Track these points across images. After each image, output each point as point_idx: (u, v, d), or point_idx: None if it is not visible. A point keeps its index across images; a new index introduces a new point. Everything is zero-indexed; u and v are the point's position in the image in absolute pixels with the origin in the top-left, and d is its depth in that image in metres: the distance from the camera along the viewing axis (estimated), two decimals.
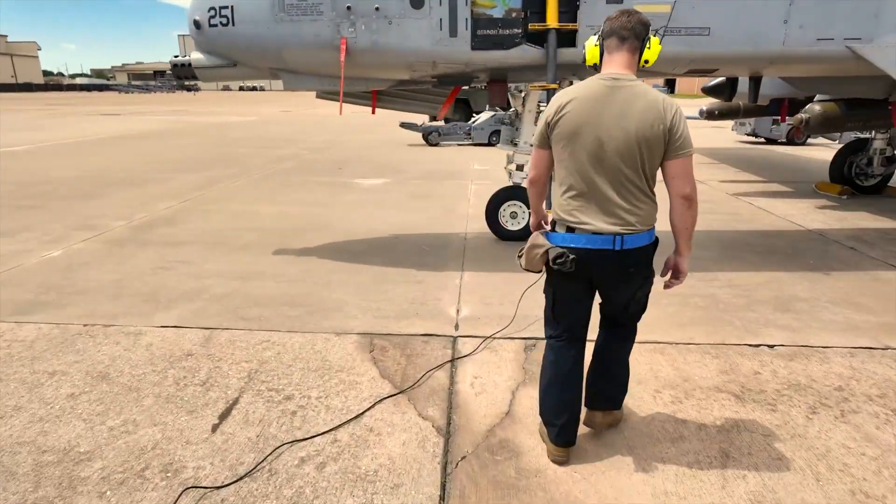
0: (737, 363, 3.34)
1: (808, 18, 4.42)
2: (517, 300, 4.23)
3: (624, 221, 2.19)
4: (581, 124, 2.16)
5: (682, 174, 2.17)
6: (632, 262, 2.25)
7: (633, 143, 2.13)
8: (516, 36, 4.44)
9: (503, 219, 5.91)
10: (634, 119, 2.12)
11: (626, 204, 2.18)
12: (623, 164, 2.15)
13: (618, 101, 2.14)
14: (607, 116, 2.14)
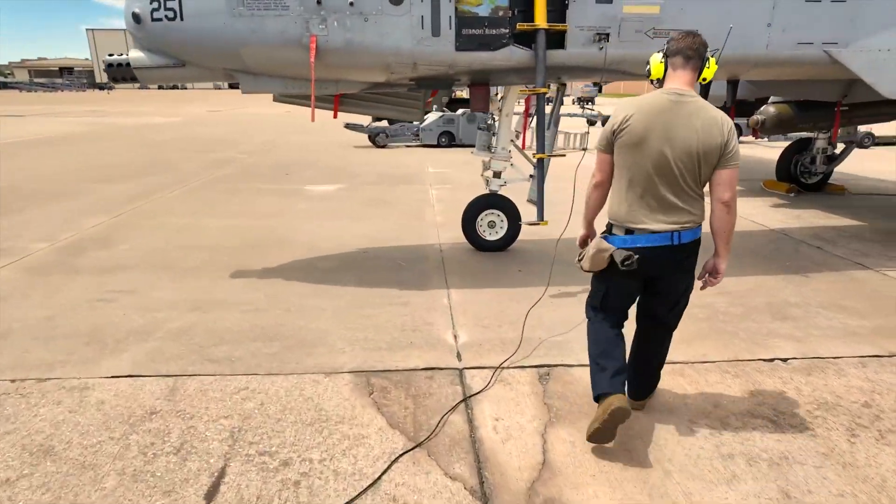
0: (758, 382, 3.20)
1: (790, 22, 4.40)
2: (515, 320, 3.96)
3: (680, 220, 2.44)
4: (647, 134, 2.38)
5: (727, 182, 2.41)
6: (685, 255, 2.51)
7: (695, 154, 2.36)
8: (503, 36, 4.13)
9: (481, 228, 5.61)
10: (698, 132, 2.35)
11: (683, 205, 2.44)
12: (684, 170, 2.39)
13: (682, 115, 2.37)
14: (672, 128, 2.36)
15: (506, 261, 5.42)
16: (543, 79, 4.14)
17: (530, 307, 3.92)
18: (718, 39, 4.38)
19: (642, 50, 4.33)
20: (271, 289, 4.61)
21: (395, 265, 5.25)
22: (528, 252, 5.68)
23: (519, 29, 4.08)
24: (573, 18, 4.15)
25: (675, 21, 4.26)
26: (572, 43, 4.23)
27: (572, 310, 4.17)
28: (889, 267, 5.20)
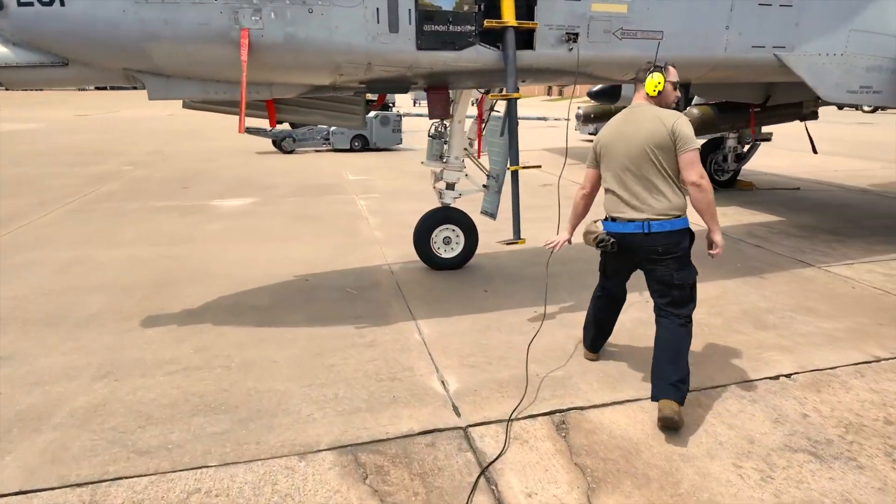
0: (777, 406, 3.01)
1: (745, 26, 4.37)
2: (504, 353, 3.54)
3: (652, 210, 2.83)
4: (612, 142, 2.99)
5: (688, 165, 2.78)
6: (659, 244, 2.85)
7: (647, 148, 2.83)
8: (469, 34, 3.64)
9: (435, 245, 5.10)
10: (646, 129, 2.84)
11: (652, 197, 2.84)
12: (644, 164, 2.84)
13: (633, 120, 2.94)
14: (627, 132, 2.92)
15: (467, 280, 4.96)
16: (515, 82, 3.72)
17: (531, 339, 3.52)
18: (682, 43, 4.28)
19: (611, 52, 4.07)
20: (199, 339, 3.76)
21: (345, 295, 4.57)
22: (485, 268, 5.27)
23: (486, 26, 3.62)
24: (542, 16, 3.77)
25: (643, 21, 4.04)
26: (541, 43, 3.85)
27: (562, 335, 3.81)
28: (826, 262, 5.43)
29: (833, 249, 5.86)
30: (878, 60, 4.93)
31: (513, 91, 3.71)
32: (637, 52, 4.10)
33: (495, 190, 5.19)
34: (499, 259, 5.54)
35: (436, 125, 4.99)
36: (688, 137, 2.78)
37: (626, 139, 2.89)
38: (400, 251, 5.76)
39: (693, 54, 4.31)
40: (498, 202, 5.20)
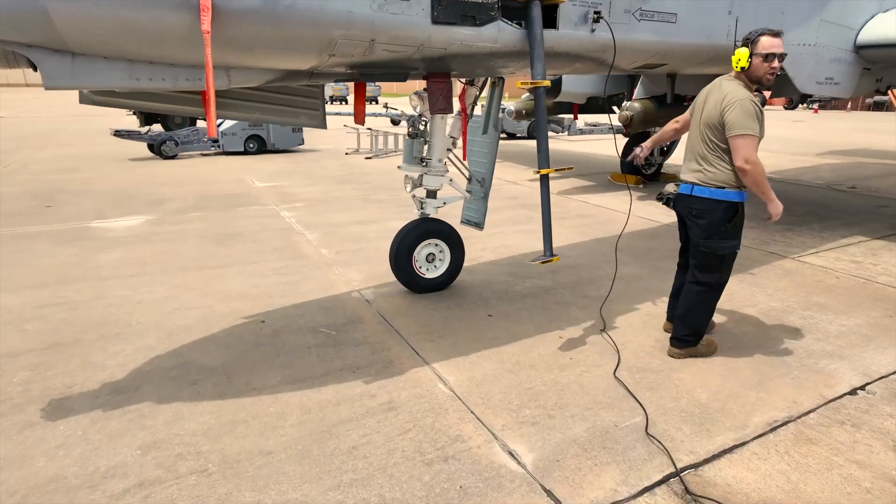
0: (883, 428, 2.69)
1: (744, 12, 4.11)
2: (558, 400, 2.86)
3: (700, 176, 3.07)
4: (694, 106, 3.21)
5: (734, 150, 2.92)
6: (694, 206, 3.11)
7: (705, 123, 3.02)
8: (491, 6, 2.91)
9: (417, 264, 4.29)
10: (710, 106, 3.00)
11: (701, 165, 3.07)
12: (702, 137, 3.05)
13: (709, 93, 3.07)
14: (700, 103, 3.12)
15: (460, 303, 4.22)
16: (543, 67, 3.05)
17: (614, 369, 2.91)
18: (692, 28, 3.92)
19: (630, 35, 3.58)
20: (144, 430, 2.64)
21: (321, 338, 3.62)
22: (469, 286, 4.56)
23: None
24: None
25: (659, 1, 3.59)
26: (565, 21, 3.23)
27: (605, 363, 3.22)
28: (794, 253, 5.50)
29: (790, 239, 5.99)
30: (839, 52, 5.01)
31: (541, 77, 3.04)
32: (653, 37, 3.67)
33: (481, 196, 4.50)
34: (477, 273, 4.87)
35: (413, 122, 4.17)
36: (734, 123, 2.87)
37: (699, 109, 3.12)
38: (363, 273, 4.85)
39: (700, 41, 3.98)
40: (485, 210, 4.52)
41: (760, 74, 2.88)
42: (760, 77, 2.89)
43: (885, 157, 13.33)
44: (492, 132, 4.36)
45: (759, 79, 2.90)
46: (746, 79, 2.96)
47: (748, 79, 2.95)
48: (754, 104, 2.88)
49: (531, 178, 9.84)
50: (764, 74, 2.87)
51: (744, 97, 2.87)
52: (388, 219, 6.83)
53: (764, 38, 2.84)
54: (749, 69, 2.93)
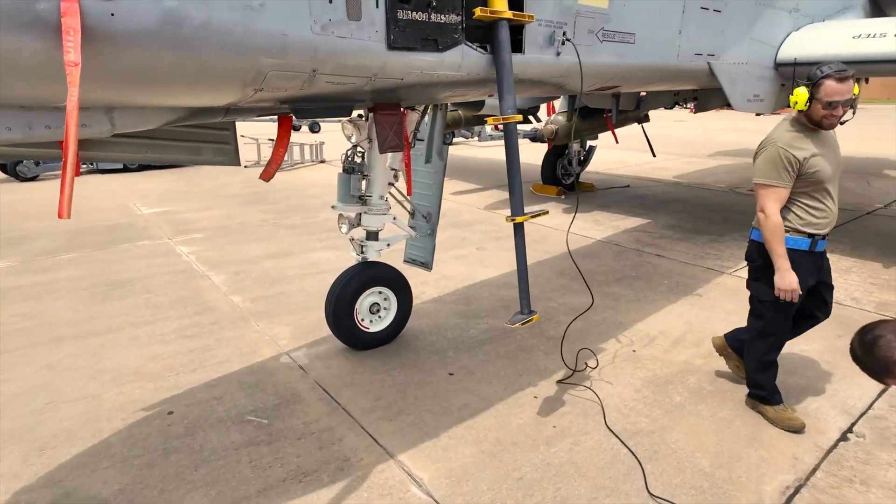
0: (884, 482, 2.55)
1: (691, 31, 3.96)
2: (557, 491, 2.42)
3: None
4: None
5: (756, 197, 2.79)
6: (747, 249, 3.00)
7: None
8: (455, 28, 2.39)
9: (360, 316, 3.68)
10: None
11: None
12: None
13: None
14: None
15: (412, 358, 3.67)
16: (514, 98, 2.58)
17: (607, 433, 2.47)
18: (648, 49, 3.67)
19: (594, 57, 3.23)
20: None
21: (250, 431, 2.90)
22: (416, 334, 4.03)
23: (478, 16, 2.41)
24: (534, 7, 2.71)
25: (620, 20, 3.29)
26: (532, 44, 2.79)
27: (597, 434, 2.84)
28: (729, 268, 5.54)
29: (719, 251, 6.08)
30: (764, 70, 5.09)
31: (512, 112, 2.58)
32: (615, 59, 3.35)
33: (427, 232, 3.98)
34: (424, 316, 4.34)
35: (349, 155, 3.54)
36: (755, 170, 2.79)
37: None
38: (290, 327, 4.14)
39: (655, 61, 3.75)
40: (433, 247, 4.01)
41: (818, 118, 2.60)
42: (819, 121, 2.61)
43: None
44: (436, 161, 3.86)
45: (818, 122, 2.62)
46: (806, 118, 2.67)
47: (808, 120, 2.67)
48: (783, 149, 2.64)
49: (456, 192, 9.47)
50: (822, 119, 2.59)
51: (774, 140, 2.69)
52: (308, 249, 6.09)
53: (829, 82, 2.51)
54: (808, 112, 2.63)
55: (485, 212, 8.10)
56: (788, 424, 2.92)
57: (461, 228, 7.08)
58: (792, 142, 2.67)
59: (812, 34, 5.28)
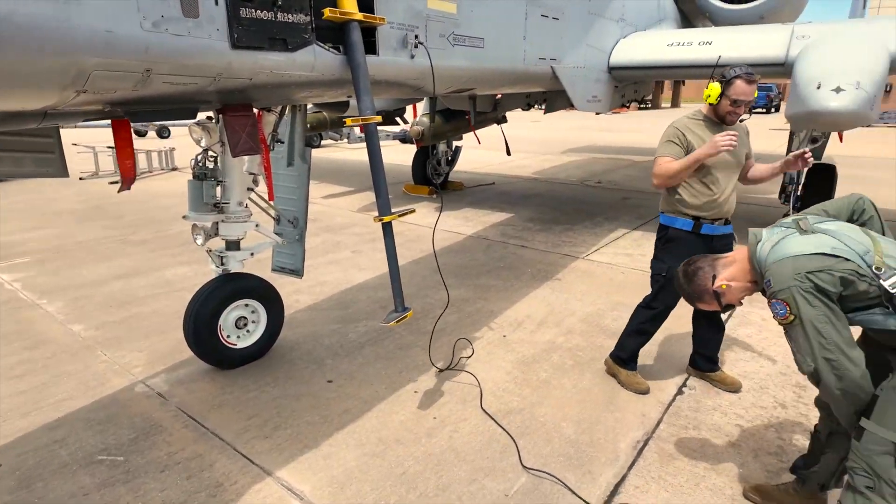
0: (712, 424, 3.00)
1: (534, 37, 4.28)
2: (441, 478, 2.51)
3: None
4: None
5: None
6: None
7: None
8: (304, 28, 2.34)
9: (225, 333, 3.46)
10: None
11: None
12: None
13: None
14: None
15: (286, 370, 3.53)
16: (371, 99, 2.60)
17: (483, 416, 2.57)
18: (497, 53, 3.90)
19: (447, 61, 3.36)
20: None
21: (103, 471, 2.60)
22: (289, 344, 3.90)
23: (328, 16, 2.39)
24: (385, 9, 2.75)
25: (469, 25, 3.46)
26: (385, 47, 2.83)
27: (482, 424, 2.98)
28: (582, 252, 6.11)
29: (573, 238, 6.67)
30: (599, 73, 5.67)
31: (370, 112, 2.60)
32: (466, 63, 3.52)
33: (295, 238, 3.86)
34: (299, 326, 4.21)
35: (199, 160, 3.30)
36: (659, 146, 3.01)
37: None
38: (144, 353, 3.77)
39: (504, 65, 4.00)
40: (303, 254, 3.89)
41: (724, 113, 2.84)
42: (724, 115, 2.86)
43: (609, 151, 16.24)
44: (299, 164, 3.75)
45: (722, 117, 2.88)
46: (713, 112, 2.91)
47: (714, 114, 2.91)
48: (675, 128, 2.94)
49: (327, 195, 9.26)
50: (726, 115, 2.84)
51: (674, 122, 2.97)
52: (161, 266, 5.57)
53: (739, 82, 2.74)
54: (717, 106, 2.87)
55: (358, 214, 8.03)
56: (636, 388, 3.30)
57: (335, 232, 6.95)
58: (688, 125, 2.95)
59: (636, 42, 6.00)
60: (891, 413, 1.70)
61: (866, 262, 1.70)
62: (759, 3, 7.79)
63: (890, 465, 1.70)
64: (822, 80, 4.21)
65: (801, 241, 1.81)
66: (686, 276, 2.15)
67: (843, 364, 1.68)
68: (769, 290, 1.82)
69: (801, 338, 1.74)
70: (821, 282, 1.69)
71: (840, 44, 4.61)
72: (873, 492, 1.72)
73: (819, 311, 1.69)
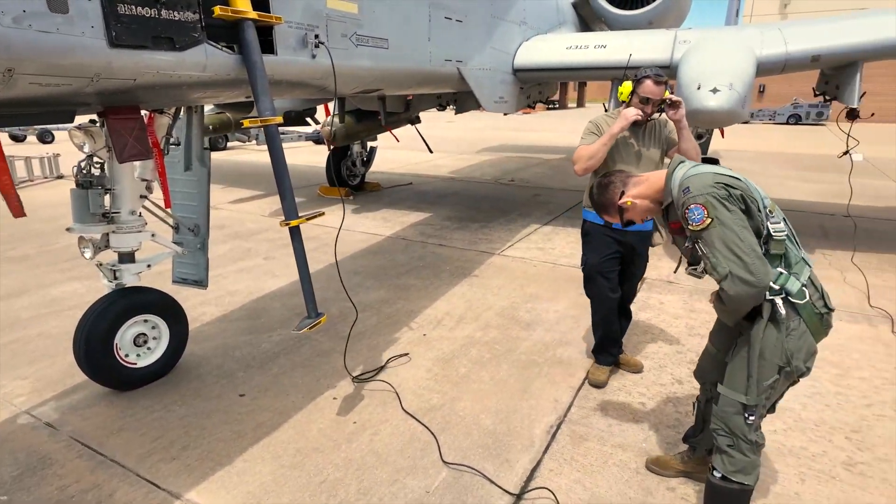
0: (617, 403, 3.21)
1: (439, 38, 4.33)
2: (362, 483, 2.51)
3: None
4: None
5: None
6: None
7: None
8: (193, 27, 2.22)
9: (122, 352, 3.22)
10: None
11: None
12: None
13: None
14: None
15: (197, 387, 3.34)
16: (271, 100, 2.52)
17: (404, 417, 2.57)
18: (401, 54, 3.90)
19: (350, 61, 3.33)
20: None
21: None
22: (202, 359, 3.70)
23: (219, 15, 2.29)
24: (282, 8, 2.67)
25: (372, 26, 3.45)
26: (284, 46, 2.75)
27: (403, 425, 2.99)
28: (497, 249, 6.28)
29: (489, 235, 6.84)
30: (505, 75, 5.85)
31: (270, 114, 2.52)
32: (371, 63, 3.50)
33: (197, 247, 3.66)
34: (207, 339, 4.00)
35: (83, 167, 3.03)
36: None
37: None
38: (28, 380, 3.42)
39: (410, 66, 4.02)
40: (206, 263, 3.69)
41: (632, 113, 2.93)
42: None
43: (521, 150, 16.79)
44: (198, 168, 3.56)
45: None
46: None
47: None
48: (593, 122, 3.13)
49: (236, 200, 8.85)
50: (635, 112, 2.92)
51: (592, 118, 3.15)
52: (46, 284, 5.08)
53: (648, 82, 2.87)
54: (629, 104, 2.99)
55: (270, 219, 7.74)
56: (591, 379, 3.41)
57: (245, 239, 6.66)
58: (605, 120, 3.11)
59: (538, 45, 6.25)
60: (738, 377, 1.93)
61: (765, 203, 1.90)
62: (648, 9, 8.39)
63: (742, 423, 1.92)
64: (701, 82, 4.62)
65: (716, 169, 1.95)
66: (599, 188, 2.25)
67: (757, 266, 1.75)
68: (687, 197, 1.86)
69: (718, 241, 1.78)
70: (735, 193, 1.83)
71: (715, 48, 5.08)
72: (734, 449, 1.94)
73: (735, 215, 1.79)
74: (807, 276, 1.87)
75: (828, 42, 5.05)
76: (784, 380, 1.91)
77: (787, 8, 27.38)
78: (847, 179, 6.09)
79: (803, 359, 1.89)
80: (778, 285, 1.85)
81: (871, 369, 3.56)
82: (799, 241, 1.97)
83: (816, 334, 1.90)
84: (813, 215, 7.72)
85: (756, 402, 1.90)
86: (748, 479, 1.94)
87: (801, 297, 1.83)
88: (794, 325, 1.86)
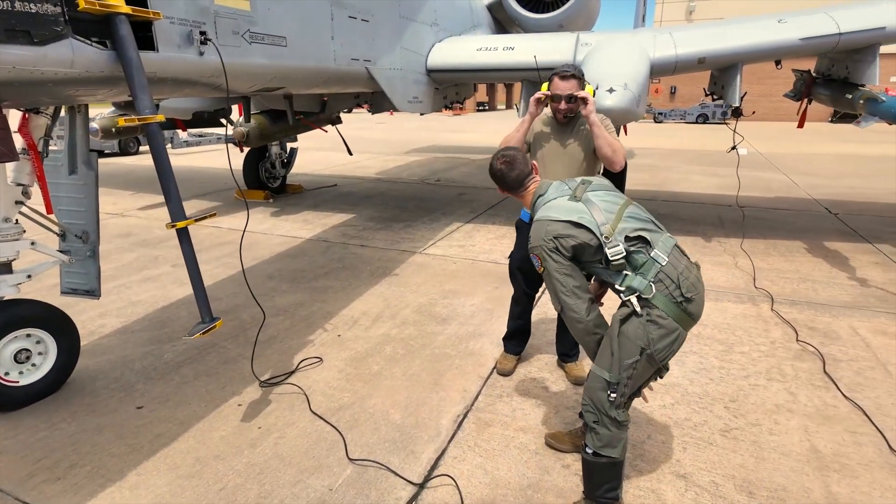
0: (523, 390, 3.33)
1: (344, 38, 4.31)
2: (263, 486, 2.48)
3: None
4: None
5: None
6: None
7: None
8: (55, 20, 2.10)
9: (2, 369, 3.00)
10: None
11: None
12: None
13: None
14: None
15: (90, 403, 3.15)
16: (150, 98, 2.43)
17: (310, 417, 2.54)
18: (301, 52, 3.86)
19: (243, 58, 3.26)
20: None
21: None
22: (97, 372, 3.50)
23: (85, 8, 2.18)
24: (161, 3, 2.58)
25: (267, 23, 3.39)
26: (166, 43, 2.65)
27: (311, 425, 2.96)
28: (419, 247, 6.33)
29: (412, 235, 6.88)
30: (418, 76, 5.91)
31: (150, 112, 2.42)
32: (267, 61, 3.45)
33: (87, 254, 3.45)
34: (104, 352, 3.79)
35: None
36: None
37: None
38: None
39: (312, 64, 3.98)
40: (97, 271, 3.49)
41: (553, 110, 2.91)
42: (554, 112, 2.94)
43: (449, 151, 16.98)
44: (84, 171, 3.36)
45: (554, 113, 2.95)
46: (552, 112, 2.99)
47: (553, 112, 2.97)
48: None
49: (144, 206, 8.39)
50: (554, 111, 2.91)
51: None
52: None
53: (555, 79, 2.84)
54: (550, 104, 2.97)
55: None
56: (498, 368, 3.53)
57: (152, 247, 6.34)
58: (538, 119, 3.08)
59: (450, 46, 6.37)
60: (605, 355, 2.10)
61: (600, 232, 2.05)
62: (559, 12, 8.74)
63: (604, 399, 2.08)
64: (599, 82, 4.88)
65: (564, 207, 2.15)
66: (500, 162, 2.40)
67: (577, 304, 2.12)
68: (528, 245, 2.20)
69: (549, 284, 2.17)
70: (562, 245, 2.11)
71: (613, 51, 5.38)
72: (599, 425, 2.09)
73: (560, 265, 2.11)
74: (654, 274, 2.05)
75: (712, 45, 5.47)
76: (646, 362, 2.07)
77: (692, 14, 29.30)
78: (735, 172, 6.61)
79: (667, 343, 2.05)
80: (624, 286, 2.10)
81: (751, 344, 3.89)
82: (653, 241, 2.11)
83: (680, 320, 2.06)
84: (711, 207, 8.33)
85: (618, 379, 2.05)
86: (614, 451, 2.10)
87: (648, 292, 2.04)
88: (656, 312, 2.03)
